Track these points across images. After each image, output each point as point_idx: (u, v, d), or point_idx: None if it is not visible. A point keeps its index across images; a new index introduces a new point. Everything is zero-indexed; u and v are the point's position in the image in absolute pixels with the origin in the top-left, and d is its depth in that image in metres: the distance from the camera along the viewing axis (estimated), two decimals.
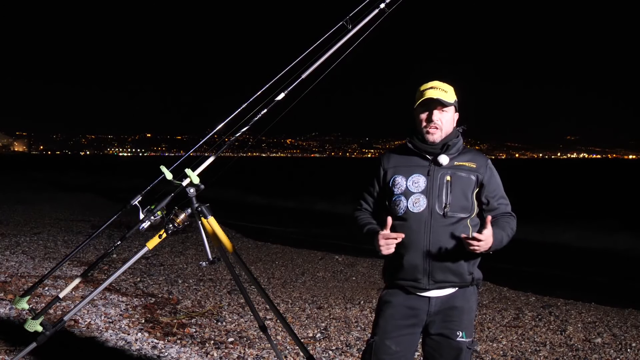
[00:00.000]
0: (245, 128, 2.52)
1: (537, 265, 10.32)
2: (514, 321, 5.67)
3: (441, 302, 2.26)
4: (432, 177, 2.26)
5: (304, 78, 2.50)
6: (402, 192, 2.27)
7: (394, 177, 2.31)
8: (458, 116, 2.38)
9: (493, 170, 2.34)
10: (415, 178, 2.27)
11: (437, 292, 2.26)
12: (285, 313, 5.47)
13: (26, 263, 6.67)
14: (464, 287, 2.28)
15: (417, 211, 2.23)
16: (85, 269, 3.40)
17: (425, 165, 2.29)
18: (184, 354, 3.86)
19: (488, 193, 2.30)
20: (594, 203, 25.46)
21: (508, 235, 2.26)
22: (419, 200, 2.24)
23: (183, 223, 2.51)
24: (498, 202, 2.31)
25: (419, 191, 2.25)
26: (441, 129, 2.28)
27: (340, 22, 2.52)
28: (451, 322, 2.24)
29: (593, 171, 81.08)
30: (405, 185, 2.27)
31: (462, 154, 2.32)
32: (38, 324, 2.39)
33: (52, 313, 4.34)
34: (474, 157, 2.33)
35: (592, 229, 14.31)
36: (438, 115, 2.28)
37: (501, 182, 2.36)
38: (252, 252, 9.50)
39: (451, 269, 2.23)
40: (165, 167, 2.49)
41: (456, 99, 2.35)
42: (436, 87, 2.29)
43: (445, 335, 2.24)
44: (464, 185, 2.26)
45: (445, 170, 2.26)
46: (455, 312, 2.25)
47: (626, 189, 35.36)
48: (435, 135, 2.28)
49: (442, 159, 2.26)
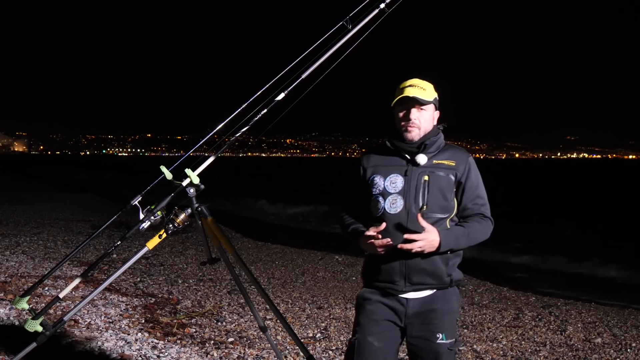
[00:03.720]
0: (246, 128, 2.52)
1: (537, 265, 10.32)
2: (514, 321, 5.67)
3: (419, 304, 2.22)
4: (409, 177, 2.21)
5: (304, 78, 2.50)
6: (379, 193, 2.23)
7: (372, 176, 2.28)
8: (439, 114, 2.34)
9: (472, 169, 2.27)
10: (393, 178, 2.23)
11: (414, 294, 2.22)
12: (285, 313, 5.47)
13: (26, 263, 6.67)
14: (443, 288, 2.24)
15: (394, 212, 2.19)
16: (85, 269, 3.40)
17: (403, 165, 2.25)
18: (184, 354, 3.86)
19: (464, 192, 2.25)
20: (594, 203, 25.46)
21: (471, 235, 2.20)
22: (396, 201, 2.20)
23: (183, 223, 2.51)
24: (473, 202, 2.25)
25: (396, 192, 2.21)
26: (419, 127, 2.24)
27: (340, 22, 2.52)
28: (430, 324, 2.20)
29: (593, 171, 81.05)
30: (383, 185, 2.24)
31: (441, 151, 2.27)
32: (38, 324, 2.39)
33: (52, 313, 4.34)
34: (454, 154, 2.27)
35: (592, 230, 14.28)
36: (416, 114, 2.24)
37: (481, 182, 2.30)
38: (252, 252, 9.50)
39: (428, 271, 2.19)
40: (165, 167, 2.49)
41: (436, 97, 2.31)
42: (415, 85, 2.25)
43: (424, 337, 2.20)
44: (443, 185, 2.21)
45: (423, 169, 2.22)
46: (434, 314, 2.21)
47: (626, 189, 35.35)
48: (413, 134, 2.24)
49: (419, 158, 2.22)
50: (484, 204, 2.28)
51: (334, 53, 2.51)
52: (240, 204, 20.42)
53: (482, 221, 2.24)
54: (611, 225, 17.25)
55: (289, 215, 18.66)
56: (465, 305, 6.30)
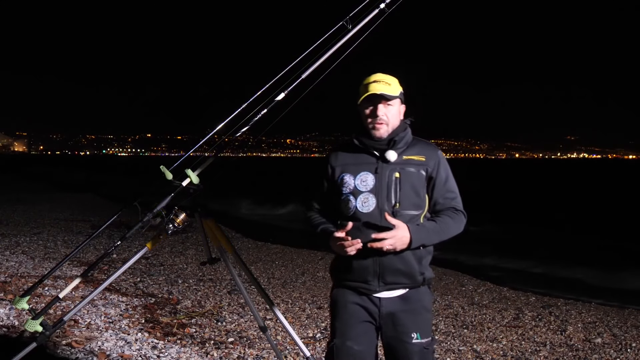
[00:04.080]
0: (246, 128, 2.52)
1: (537, 264, 10.32)
2: (514, 321, 5.67)
3: (392, 304, 2.20)
4: (380, 175, 2.18)
5: (304, 78, 2.50)
6: (350, 191, 2.19)
7: (342, 175, 2.23)
8: (405, 108, 2.30)
9: (442, 163, 2.24)
10: (364, 176, 2.19)
11: (387, 293, 2.20)
12: (285, 313, 5.47)
13: (26, 263, 6.67)
14: (416, 287, 2.21)
15: (367, 211, 2.15)
16: (85, 269, 3.40)
17: (372, 163, 2.21)
18: (184, 354, 3.86)
19: (435, 187, 2.22)
20: (594, 203, 25.47)
21: (443, 230, 2.17)
22: (367, 200, 2.16)
23: (183, 223, 2.51)
24: (444, 197, 2.23)
25: (368, 190, 2.17)
26: (387, 123, 2.20)
27: (340, 22, 2.52)
28: (404, 324, 2.19)
29: (593, 171, 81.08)
30: (353, 184, 2.20)
31: (410, 147, 2.24)
32: (38, 324, 2.39)
33: (52, 313, 4.34)
34: (423, 149, 2.24)
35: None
36: (383, 110, 2.19)
37: (452, 175, 2.27)
38: (252, 252, 9.50)
39: (402, 271, 2.16)
40: (165, 167, 2.49)
41: (401, 91, 2.26)
42: (379, 81, 2.20)
43: (400, 338, 2.19)
44: (414, 181, 2.18)
45: (394, 166, 2.18)
46: (408, 313, 2.19)
47: (626, 189, 35.36)
48: (381, 131, 2.20)
49: (389, 155, 2.18)
50: (454, 197, 2.25)
51: (334, 53, 2.51)
52: (230, 205, 20.19)
53: (455, 215, 2.22)
54: (611, 225, 17.25)
55: (276, 215, 18.40)
56: (465, 305, 6.29)
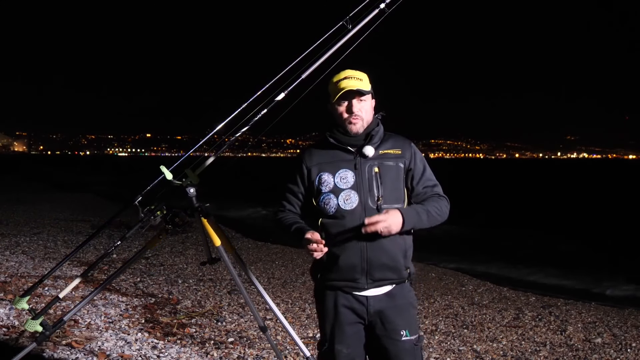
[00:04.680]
0: (246, 128, 2.52)
1: (537, 265, 10.32)
2: (514, 321, 5.67)
3: (379, 301, 2.18)
4: (360, 171, 2.16)
5: (304, 78, 2.50)
6: (330, 190, 2.16)
7: (319, 174, 2.20)
8: (375, 103, 2.29)
9: (417, 153, 2.25)
10: (343, 173, 2.17)
11: (374, 290, 2.18)
12: (285, 313, 5.47)
13: (26, 263, 6.67)
14: (401, 283, 2.20)
15: (350, 208, 2.13)
16: (85, 269, 3.40)
17: (350, 159, 2.19)
18: (184, 354, 3.86)
19: (413, 178, 2.22)
20: (594, 203, 25.47)
21: (430, 212, 2.15)
22: (350, 197, 2.14)
23: (183, 223, 2.51)
24: (424, 186, 2.22)
25: (349, 187, 2.15)
26: (362, 118, 2.20)
27: (340, 22, 2.52)
28: (393, 322, 2.17)
29: (593, 171, 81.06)
30: (333, 182, 2.17)
31: (384, 141, 2.23)
32: (38, 324, 2.39)
33: (52, 313, 4.34)
34: (396, 142, 2.25)
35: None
36: (358, 105, 2.19)
37: (427, 164, 2.27)
38: (252, 252, 9.50)
39: (389, 266, 2.15)
40: (165, 167, 2.49)
41: (370, 85, 2.26)
42: (351, 77, 2.20)
43: (389, 336, 2.17)
44: (393, 175, 2.18)
45: (372, 161, 2.17)
46: (395, 311, 2.18)
47: (626, 189, 35.36)
48: (357, 126, 2.19)
49: (367, 150, 2.17)
50: (434, 185, 2.26)
51: (334, 53, 2.51)
52: (230, 205, 20.06)
53: (439, 200, 2.21)
54: (611, 225, 17.25)
55: (263, 215, 18.25)
56: (465, 305, 6.30)
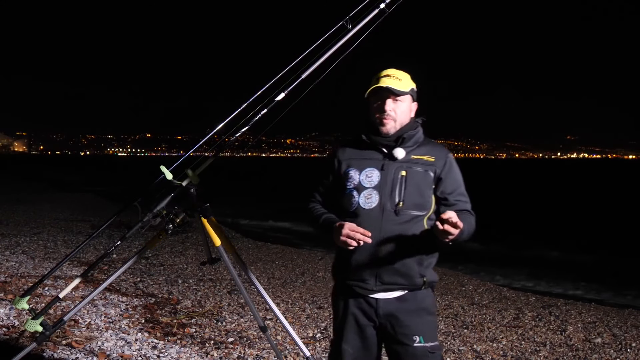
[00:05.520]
0: (246, 128, 2.52)
1: (537, 265, 10.33)
2: (514, 321, 5.67)
3: (389, 305, 2.13)
4: (386, 172, 2.12)
5: (304, 78, 2.50)
6: (354, 187, 2.14)
7: (347, 169, 2.18)
8: (417, 106, 2.24)
9: (453, 165, 2.18)
10: (369, 172, 2.13)
11: (384, 294, 2.13)
12: (285, 313, 5.47)
13: (26, 263, 6.67)
14: (415, 289, 2.13)
15: (369, 208, 2.09)
16: (85, 269, 3.40)
17: (379, 159, 2.15)
18: (184, 354, 3.86)
19: (445, 188, 2.15)
20: (594, 203, 25.47)
21: (470, 227, 2.09)
22: (371, 196, 2.10)
23: (183, 223, 2.51)
24: (456, 199, 2.15)
25: (372, 186, 2.11)
26: (395, 119, 2.14)
27: (340, 22, 2.52)
28: (405, 326, 2.12)
29: (593, 171, 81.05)
30: (358, 179, 2.14)
31: (420, 146, 2.17)
32: (38, 324, 2.39)
33: (52, 313, 4.34)
34: (433, 150, 2.18)
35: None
36: (391, 105, 2.14)
37: (462, 178, 2.21)
38: (252, 252, 9.50)
39: (400, 271, 2.09)
40: (165, 167, 2.49)
41: (413, 88, 2.21)
42: (390, 76, 2.15)
43: (401, 341, 2.12)
44: (420, 181, 2.11)
45: (401, 164, 2.12)
46: (407, 316, 2.12)
47: (626, 189, 35.35)
48: (388, 126, 2.14)
49: (397, 152, 2.12)
50: (467, 201, 2.20)
51: (334, 53, 2.51)
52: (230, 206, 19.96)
53: (471, 217, 2.15)
54: (611, 225, 17.25)
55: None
56: (465, 305, 6.30)
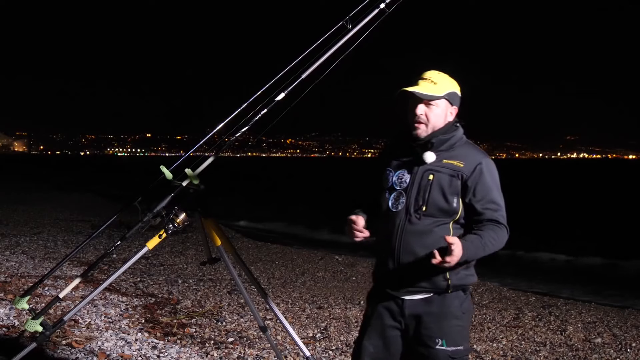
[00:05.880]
0: (246, 128, 2.52)
1: (537, 265, 10.33)
2: (514, 321, 5.67)
3: (415, 306, 2.13)
4: (414, 175, 2.13)
5: (304, 78, 2.50)
6: (388, 187, 2.17)
7: (387, 169, 2.21)
8: (456, 110, 2.20)
9: (484, 171, 2.11)
10: (401, 174, 2.16)
11: (408, 296, 2.14)
12: (285, 313, 5.47)
13: (26, 263, 6.66)
14: (440, 293, 2.12)
15: (395, 210, 2.13)
16: (85, 269, 3.40)
17: (411, 162, 2.16)
18: (184, 354, 3.86)
19: (473, 196, 2.09)
20: (594, 203, 25.46)
21: (487, 245, 2.04)
22: (399, 199, 2.13)
23: (183, 223, 2.51)
24: (484, 207, 2.09)
25: (402, 189, 2.14)
26: (427, 124, 2.12)
27: (340, 22, 2.52)
28: (428, 328, 2.12)
29: (593, 171, 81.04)
30: (391, 180, 2.17)
31: (454, 150, 2.14)
32: (38, 324, 2.39)
33: (52, 313, 4.33)
34: (467, 155, 2.14)
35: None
36: (423, 109, 2.12)
37: (496, 186, 2.14)
38: (252, 252, 9.50)
39: (421, 274, 2.09)
40: (165, 167, 2.49)
41: (453, 92, 2.17)
42: (426, 79, 2.14)
43: (423, 342, 2.12)
44: (445, 186, 2.09)
45: (429, 168, 2.12)
46: (431, 317, 2.12)
47: (626, 189, 35.35)
48: (419, 130, 2.13)
49: (427, 156, 2.12)
50: (497, 209, 2.11)
51: (334, 53, 2.51)
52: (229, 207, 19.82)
53: (497, 229, 2.08)
54: (611, 225, 17.25)
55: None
56: None
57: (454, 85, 2.19)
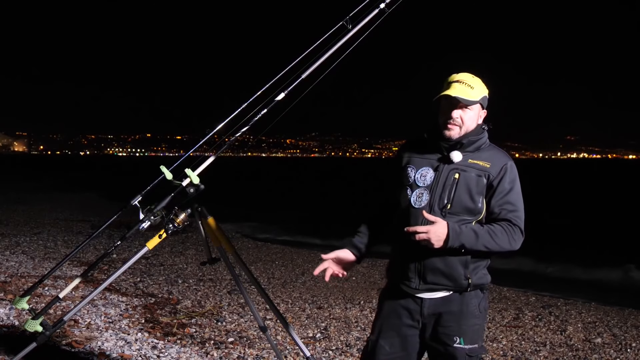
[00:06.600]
0: (246, 128, 2.52)
1: (537, 264, 10.32)
2: (514, 321, 5.67)
3: (435, 305, 2.15)
4: (439, 173, 2.14)
5: (304, 78, 2.50)
6: (409, 184, 2.18)
7: (406, 166, 2.22)
8: (485, 113, 2.23)
9: (508, 173, 2.14)
10: (424, 172, 2.17)
11: (428, 294, 2.15)
12: (285, 313, 5.47)
13: (26, 263, 6.67)
14: (460, 291, 2.15)
15: (418, 207, 2.13)
16: (85, 269, 3.40)
17: (436, 160, 2.18)
18: (184, 354, 3.86)
19: (494, 195, 2.12)
20: (594, 203, 25.47)
21: (492, 238, 2.06)
22: (422, 196, 2.14)
23: (183, 223, 2.51)
24: (500, 207, 2.12)
25: (424, 186, 2.14)
26: (461, 126, 2.15)
27: (340, 22, 2.51)
28: (447, 327, 2.14)
29: (593, 171, 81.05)
30: (413, 177, 2.18)
31: (481, 152, 2.17)
32: (38, 324, 2.39)
33: (52, 313, 4.34)
34: (493, 156, 2.17)
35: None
36: (459, 113, 2.13)
37: (517, 188, 2.16)
38: (252, 252, 9.50)
39: (444, 272, 2.11)
40: (165, 167, 2.49)
41: (485, 96, 2.20)
42: (462, 82, 2.14)
43: (441, 340, 2.15)
44: (472, 186, 2.11)
45: (455, 167, 2.13)
46: (450, 316, 2.14)
47: (626, 189, 35.35)
48: (452, 132, 2.15)
49: (454, 155, 2.13)
50: (513, 210, 2.13)
51: (334, 53, 2.51)
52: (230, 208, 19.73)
53: (509, 228, 2.09)
54: (611, 225, 17.25)
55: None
56: None
57: (485, 89, 2.22)
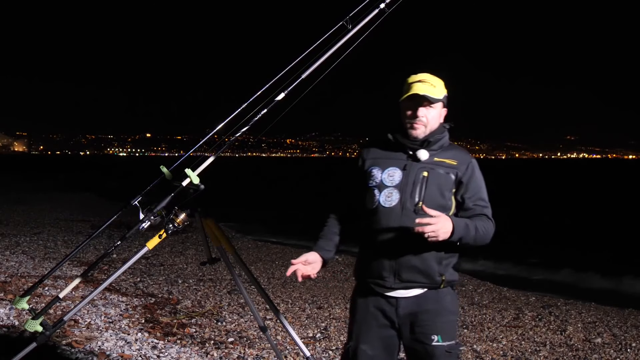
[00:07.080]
0: (246, 128, 2.52)
1: (537, 264, 10.32)
2: (514, 321, 5.67)
3: (410, 304, 2.16)
4: (408, 172, 2.16)
5: (304, 78, 2.50)
6: (376, 185, 2.19)
7: (371, 168, 2.23)
8: (446, 112, 2.27)
9: (475, 170, 2.21)
10: (391, 171, 2.18)
11: (403, 292, 2.16)
12: (285, 313, 5.47)
13: (26, 263, 6.67)
14: (434, 288, 2.16)
15: (388, 206, 2.14)
16: (85, 269, 3.40)
17: (402, 159, 2.20)
18: (184, 354, 3.86)
19: (465, 192, 2.18)
20: (594, 203, 25.46)
21: (478, 229, 2.11)
22: (391, 195, 2.15)
23: (183, 223, 2.50)
24: (474, 203, 2.18)
25: (393, 185, 2.16)
26: (426, 125, 2.18)
27: (340, 22, 2.51)
28: (424, 325, 2.14)
29: (593, 171, 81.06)
30: (380, 177, 2.19)
31: (444, 150, 2.22)
32: (38, 324, 2.39)
33: (52, 313, 4.34)
34: (457, 154, 2.22)
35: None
36: (424, 112, 2.17)
37: (484, 185, 2.24)
38: (252, 252, 9.50)
39: (419, 269, 2.13)
40: (165, 167, 2.49)
41: (446, 94, 2.24)
42: (425, 81, 2.18)
43: (419, 340, 2.15)
44: (442, 182, 2.15)
45: (423, 165, 2.17)
46: (426, 315, 2.15)
47: (626, 189, 35.35)
48: (418, 131, 2.18)
49: (421, 154, 2.17)
50: (486, 206, 2.21)
51: (334, 53, 2.51)
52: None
53: (487, 221, 2.17)
54: (611, 225, 17.25)
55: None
56: (465, 305, 6.29)
57: (445, 89, 2.26)
